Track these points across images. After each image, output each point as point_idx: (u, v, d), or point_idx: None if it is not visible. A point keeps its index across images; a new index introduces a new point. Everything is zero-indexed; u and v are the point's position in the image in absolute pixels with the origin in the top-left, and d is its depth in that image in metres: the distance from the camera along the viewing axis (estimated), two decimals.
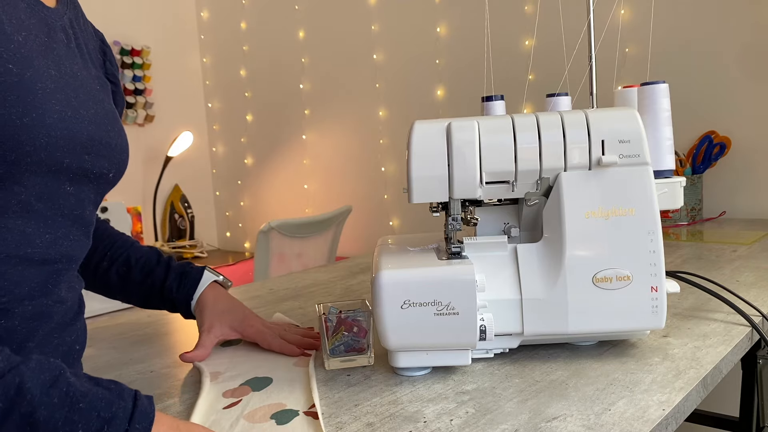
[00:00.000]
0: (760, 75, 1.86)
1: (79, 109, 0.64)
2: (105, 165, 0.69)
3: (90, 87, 0.69)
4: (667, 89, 0.94)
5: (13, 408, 0.47)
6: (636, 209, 0.77)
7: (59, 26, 0.68)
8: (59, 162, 0.62)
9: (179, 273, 0.92)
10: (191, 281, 0.91)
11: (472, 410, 0.66)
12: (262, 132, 3.29)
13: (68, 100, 0.63)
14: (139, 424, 0.50)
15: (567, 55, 1.83)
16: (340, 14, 2.88)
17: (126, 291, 0.93)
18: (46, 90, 0.60)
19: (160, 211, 3.34)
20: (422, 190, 0.78)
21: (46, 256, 0.64)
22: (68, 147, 0.62)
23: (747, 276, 1.15)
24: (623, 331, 0.78)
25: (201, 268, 0.93)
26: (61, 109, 0.62)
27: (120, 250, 0.93)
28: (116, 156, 0.71)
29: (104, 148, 0.68)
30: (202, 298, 0.91)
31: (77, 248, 0.69)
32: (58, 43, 0.66)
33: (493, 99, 1.16)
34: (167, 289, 0.91)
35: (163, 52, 3.33)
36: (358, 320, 0.79)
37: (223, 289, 0.94)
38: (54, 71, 0.63)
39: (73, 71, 0.67)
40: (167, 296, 0.91)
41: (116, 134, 0.71)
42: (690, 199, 1.84)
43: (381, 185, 2.84)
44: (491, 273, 0.77)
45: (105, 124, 0.69)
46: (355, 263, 1.56)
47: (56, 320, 0.66)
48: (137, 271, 0.91)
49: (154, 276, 0.91)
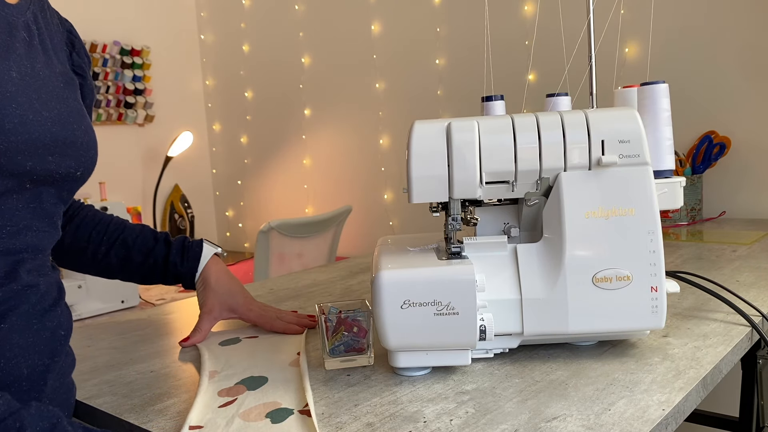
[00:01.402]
0: (760, 75, 1.86)
1: (41, 111, 0.64)
2: (72, 164, 0.69)
3: (53, 85, 0.68)
4: (667, 89, 0.94)
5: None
6: (636, 209, 0.77)
7: (21, 23, 0.67)
8: (21, 165, 0.62)
9: (180, 248, 0.97)
10: (193, 254, 0.97)
11: (472, 410, 0.66)
12: (262, 132, 3.29)
13: (30, 103, 0.62)
14: None
15: (567, 55, 1.83)
16: (340, 14, 2.88)
17: (127, 271, 0.97)
18: (6, 94, 0.60)
19: (160, 211, 3.34)
20: (422, 190, 0.78)
21: (9, 246, 0.64)
22: (30, 150, 0.62)
23: (747, 276, 1.15)
24: (623, 331, 0.78)
25: (199, 241, 0.99)
26: (22, 113, 0.61)
27: (115, 233, 0.96)
28: (83, 154, 0.70)
29: (69, 147, 0.68)
30: (205, 273, 0.96)
31: (43, 239, 0.69)
32: (19, 41, 0.65)
33: (493, 99, 1.16)
34: (171, 264, 0.96)
35: (163, 52, 3.34)
36: (358, 320, 0.79)
37: (223, 266, 0.99)
38: (15, 73, 0.62)
39: (35, 70, 0.66)
40: (171, 271, 0.96)
41: (82, 132, 0.70)
42: (690, 199, 1.84)
43: (381, 185, 2.84)
44: (491, 273, 0.77)
45: (70, 123, 0.68)
46: (355, 263, 1.56)
47: (31, 305, 0.66)
48: (137, 252, 0.96)
49: (156, 254, 0.96)
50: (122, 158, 3.17)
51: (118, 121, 3.14)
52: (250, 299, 0.98)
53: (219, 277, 0.97)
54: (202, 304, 0.96)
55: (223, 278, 0.97)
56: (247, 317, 0.96)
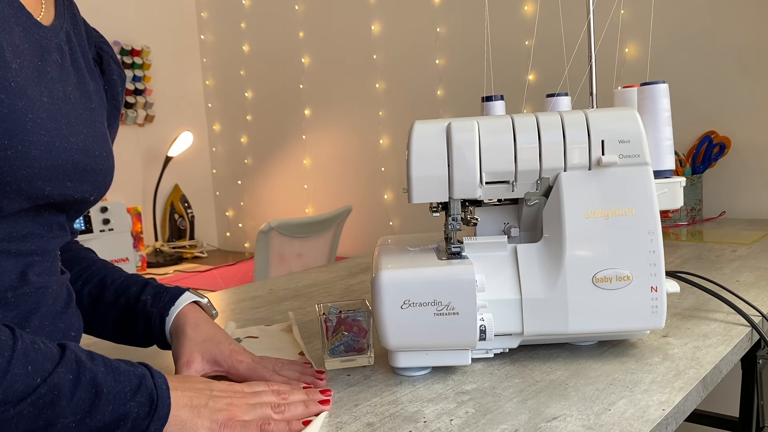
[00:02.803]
0: (760, 75, 1.86)
1: (69, 137, 0.64)
2: (88, 189, 0.69)
3: (83, 108, 0.68)
4: (667, 89, 0.94)
5: (80, 376, 0.55)
6: (636, 209, 0.77)
7: (54, 46, 0.67)
8: (40, 190, 0.62)
9: (157, 288, 0.81)
10: (169, 296, 0.79)
11: (472, 410, 0.66)
12: (262, 132, 3.29)
13: (58, 129, 0.62)
14: (159, 379, 0.59)
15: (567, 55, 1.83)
16: (340, 14, 2.88)
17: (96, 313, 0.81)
18: (36, 120, 0.60)
19: (160, 211, 3.34)
20: (422, 190, 0.78)
21: (21, 249, 0.65)
22: (50, 176, 0.62)
23: (747, 276, 1.15)
24: (623, 331, 0.78)
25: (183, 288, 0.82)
26: (49, 140, 0.61)
27: (98, 272, 0.84)
28: (100, 180, 0.70)
29: (89, 174, 0.68)
30: (180, 318, 0.77)
31: (52, 242, 0.70)
32: (51, 65, 0.65)
33: (493, 99, 1.16)
34: (141, 302, 0.79)
35: (163, 52, 3.33)
36: (358, 320, 0.79)
37: (204, 313, 0.81)
38: (46, 98, 0.62)
39: (66, 94, 0.66)
40: (140, 311, 0.79)
41: (103, 159, 0.70)
42: (690, 199, 1.84)
43: (381, 185, 2.84)
44: (491, 273, 0.77)
45: (93, 149, 0.68)
46: (355, 263, 1.56)
47: (46, 308, 0.67)
48: (111, 292, 0.81)
49: (128, 293, 0.80)
50: (122, 158, 3.17)
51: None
52: (239, 350, 0.76)
53: (198, 323, 0.77)
54: (176, 356, 0.75)
55: (203, 324, 0.78)
56: (236, 371, 0.74)
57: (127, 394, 0.57)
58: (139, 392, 0.57)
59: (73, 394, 0.54)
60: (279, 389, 0.67)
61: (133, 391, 0.57)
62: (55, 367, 0.54)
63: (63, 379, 0.54)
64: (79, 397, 0.54)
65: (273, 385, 0.68)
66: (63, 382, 0.54)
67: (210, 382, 0.65)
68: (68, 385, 0.54)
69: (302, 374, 0.76)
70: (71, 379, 0.54)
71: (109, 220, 2.64)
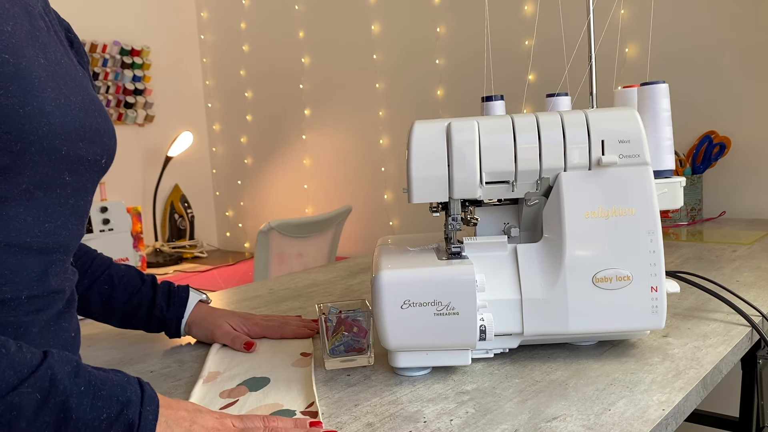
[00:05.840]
0: (760, 75, 1.86)
1: (69, 96, 0.64)
2: (98, 151, 0.69)
3: (74, 74, 0.69)
4: (667, 89, 0.94)
5: (48, 398, 0.50)
6: (636, 209, 0.77)
7: (37, 13, 0.67)
8: (59, 150, 0.62)
9: (166, 292, 0.93)
10: (179, 300, 0.93)
11: (472, 410, 0.66)
12: (262, 132, 3.29)
13: (59, 88, 0.63)
14: (149, 406, 0.54)
15: (567, 55, 1.83)
16: (340, 14, 2.88)
17: (107, 310, 0.92)
18: (40, 78, 0.60)
19: (160, 211, 3.34)
20: (422, 191, 0.78)
21: (44, 246, 0.65)
22: (65, 134, 0.62)
23: (747, 276, 1.15)
24: (623, 331, 0.78)
25: (185, 286, 0.95)
26: (56, 97, 0.61)
27: (101, 268, 0.91)
28: (106, 141, 0.71)
29: (95, 134, 0.68)
30: (193, 318, 0.93)
31: (73, 238, 0.70)
32: (40, 30, 0.65)
33: (492, 99, 1.16)
34: (157, 307, 0.91)
35: (163, 52, 3.33)
36: (358, 320, 0.79)
37: (209, 306, 0.97)
38: (42, 59, 0.62)
39: (57, 58, 0.66)
40: (156, 315, 0.92)
41: (103, 120, 0.71)
42: (690, 199, 1.84)
43: (381, 185, 2.84)
44: (491, 273, 0.77)
45: (92, 110, 0.69)
46: (355, 263, 1.56)
47: (55, 309, 0.67)
48: (121, 291, 0.91)
49: (141, 295, 0.91)
50: (122, 158, 3.17)
51: (118, 121, 3.14)
52: (249, 315, 0.95)
53: (209, 312, 0.94)
54: (205, 335, 0.92)
55: (212, 312, 0.95)
56: (253, 331, 0.92)
57: (102, 423, 0.51)
58: (117, 422, 0.52)
59: (36, 417, 0.49)
60: (277, 426, 0.61)
61: (110, 420, 0.52)
62: (20, 384, 0.49)
63: (26, 398, 0.49)
64: (42, 420, 0.49)
65: (271, 422, 0.61)
66: (25, 402, 0.49)
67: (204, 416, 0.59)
68: (31, 406, 0.49)
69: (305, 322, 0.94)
70: (37, 400, 0.49)
71: (109, 220, 2.64)
